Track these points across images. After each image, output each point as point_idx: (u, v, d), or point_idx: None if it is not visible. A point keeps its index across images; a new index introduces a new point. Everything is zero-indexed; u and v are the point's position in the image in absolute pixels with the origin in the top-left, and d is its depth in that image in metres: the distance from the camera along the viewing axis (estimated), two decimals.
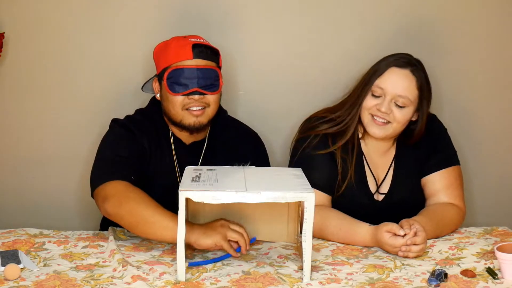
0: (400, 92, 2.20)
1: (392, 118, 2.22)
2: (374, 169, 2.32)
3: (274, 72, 2.66)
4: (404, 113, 2.22)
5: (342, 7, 2.63)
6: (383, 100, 2.22)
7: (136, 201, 2.03)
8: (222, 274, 1.90)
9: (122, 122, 2.32)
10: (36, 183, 2.69)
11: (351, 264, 1.98)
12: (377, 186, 2.31)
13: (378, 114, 2.23)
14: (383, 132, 2.24)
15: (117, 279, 1.86)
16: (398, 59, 2.24)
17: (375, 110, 2.23)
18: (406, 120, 2.25)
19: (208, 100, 2.26)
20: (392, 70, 2.23)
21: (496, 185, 2.75)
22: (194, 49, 2.23)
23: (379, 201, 2.31)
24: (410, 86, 2.21)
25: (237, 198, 1.81)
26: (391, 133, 2.25)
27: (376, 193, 2.31)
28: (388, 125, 2.24)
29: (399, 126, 2.24)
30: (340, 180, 2.28)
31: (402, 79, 2.22)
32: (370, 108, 2.24)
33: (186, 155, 2.34)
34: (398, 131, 2.27)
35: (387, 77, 2.22)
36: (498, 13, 2.65)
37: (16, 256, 1.94)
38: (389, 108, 2.21)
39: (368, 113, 2.25)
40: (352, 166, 2.28)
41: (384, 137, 2.26)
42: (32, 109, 2.65)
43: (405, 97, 2.20)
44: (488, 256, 2.00)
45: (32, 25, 2.59)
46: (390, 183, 2.31)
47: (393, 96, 2.21)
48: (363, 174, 2.30)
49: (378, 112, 2.23)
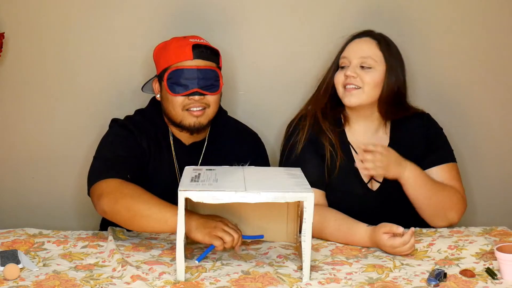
0: (362, 53, 2.27)
1: (361, 82, 2.26)
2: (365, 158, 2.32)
3: (274, 72, 2.66)
4: (372, 74, 2.26)
5: (343, 7, 2.63)
6: (349, 66, 2.28)
7: (131, 196, 2.03)
8: (221, 274, 1.90)
9: (122, 122, 2.33)
10: (35, 183, 2.69)
11: (351, 264, 1.98)
12: (368, 175, 2.31)
13: (347, 82, 2.27)
14: (355, 98, 2.27)
15: (116, 279, 1.86)
16: (358, 32, 2.34)
17: (344, 78, 2.27)
18: (376, 82, 2.26)
19: (208, 101, 2.26)
20: (353, 41, 2.33)
21: (495, 185, 2.75)
22: (194, 50, 2.23)
23: (374, 190, 2.31)
24: (371, 48, 2.28)
25: (237, 198, 1.81)
26: (365, 99, 2.27)
27: (371, 182, 2.31)
28: (359, 90, 2.26)
29: (370, 90, 2.26)
30: (330, 170, 2.28)
31: (362, 43, 2.30)
32: (340, 79, 2.29)
33: (186, 156, 2.34)
34: (371, 96, 2.27)
35: (348, 47, 2.32)
36: (496, 11, 2.66)
37: (15, 256, 1.94)
38: (355, 72, 2.26)
39: (341, 86, 2.29)
40: (339, 155, 2.29)
41: (359, 103, 2.27)
42: (32, 109, 2.65)
43: (367, 57, 2.26)
44: (488, 257, 2.00)
45: (32, 25, 2.59)
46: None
47: (357, 60, 2.27)
48: (353, 163, 2.31)
49: (347, 80, 2.27)
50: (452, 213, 2.27)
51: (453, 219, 2.27)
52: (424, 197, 2.24)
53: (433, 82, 2.66)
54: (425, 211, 2.26)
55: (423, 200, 2.24)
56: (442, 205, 2.25)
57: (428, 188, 2.24)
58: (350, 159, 2.31)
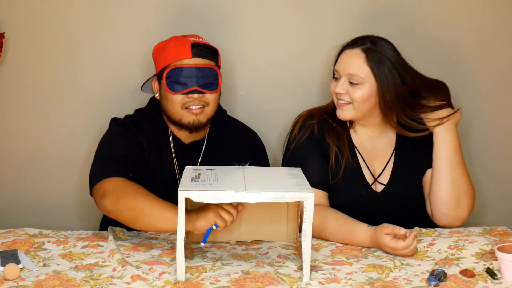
0: (350, 70, 2.23)
1: (349, 98, 2.24)
2: (369, 160, 2.32)
3: (274, 72, 2.66)
4: (361, 91, 2.22)
5: (343, 7, 2.63)
6: (340, 80, 2.26)
7: (133, 195, 2.04)
8: (221, 274, 1.90)
9: (122, 121, 2.33)
10: (35, 183, 2.69)
11: (351, 264, 1.98)
12: (373, 176, 2.31)
13: (338, 97, 2.27)
14: (346, 113, 2.26)
15: (116, 279, 1.86)
16: (350, 41, 2.29)
17: (336, 93, 2.27)
18: (365, 97, 2.23)
19: (207, 99, 2.26)
20: (344, 52, 2.28)
21: (495, 185, 2.75)
22: (193, 48, 2.24)
23: (378, 192, 2.31)
24: (359, 64, 2.23)
25: (237, 198, 1.81)
26: (355, 114, 2.25)
27: (375, 184, 2.31)
28: (349, 106, 2.25)
29: (360, 105, 2.23)
30: (333, 169, 2.28)
31: (351, 58, 2.25)
32: (333, 91, 2.29)
33: (185, 155, 2.34)
34: (363, 110, 2.25)
35: (340, 59, 2.29)
36: (497, 12, 2.66)
37: (15, 256, 1.94)
38: (343, 88, 2.24)
39: (335, 96, 2.29)
40: (344, 156, 2.28)
41: (349, 118, 2.27)
42: (32, 109, 2.65)
43: (355, 74, 2.23)
44: (488, 257, 2.00)
45: (32, 25, 2.59)
46: (389, 175, 2.31)
47: (345, 76, 2.24)
48: (358, 164, 2.30)
49: (337, 95, 2.27)
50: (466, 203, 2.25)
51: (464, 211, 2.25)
52: (452, 168, 2.22)
53: None
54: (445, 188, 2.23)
55: (450, 172, 2.22)
56: (463, 187, 2.24)
57: (457, 158, 2.22)
58: (355, 160, 2.31)
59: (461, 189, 2.24)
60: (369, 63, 2.22)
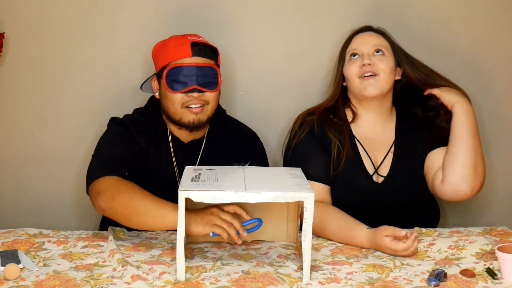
0: (373, 43, 2.32)
1: (377, 69, 2.28)
2: (370, 151, 2.33)
3: (273, 71, 2.66)
4: (386, 61, 2.30)
5: (342, 8, 2.63)
6: (362, 56, 2.31)
7: (127, 193, 2.04)
8: (221, 274, 1.90)
9: (120, 120, 2.33)
10: (35, 182, 2.69)
11: (351, 264, 1.98)
12: (375, 167, 2.32)
13: (364, 70, 2.29)
14: (375, 88, 2.28)
15: (117, 279, 1.86)
16: (359, 28, 2.39)
17: (360, 68, 2.29)
18: (390, 69, 2.30)
19: (207, 98, 2.26)
20: (357, 36, 2.37)
21: (495, 185, 2.75)
22: (193, 47, 2.24)
23: (379, 183, 2.31)
24: (378, 39, 2.35)
25: (237, 198, 1.81)
26: (382, 85, 2.29)
27: (375, 175, 2.32)
28: (377, 78, 2.29)
29: (386, 76, 2.29)
30: (335, 162, 2.29)
31: (369, 36, 2.36)
32: (355, 70, 2.31)
33: (185, 154, 2.34)
34: (387, 83, 2.30)
35: (355, 40, 2.36)
36: (497, 12, 2.66)
37: (15, 256, 1.94)
38: (370, 60, 2.29)
39: (357, 77, 2.30)
40: (345, 148, 2.29)
41: (379, 92, 2.29)
42: (32, 109, 2.65)
43: (379, 45, 2.32)
44: (488, 257, 2.00)
45: (32, 25, 2.60)
46: (390, 166, 2.32)
47: (370, 49, 2.31)
48: (358, 156, 2.32)
49: (363, 68, 2.29)
50: (481, 172, 2.27)
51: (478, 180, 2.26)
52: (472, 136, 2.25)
53: None
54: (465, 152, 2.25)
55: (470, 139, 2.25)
56: (479, 156, 2.26)
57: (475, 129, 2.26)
58: (356, 152, 2.32)
59: (478, 157, 2.26)
60: (387, 38, 2.35)
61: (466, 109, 2.27)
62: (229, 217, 1.96)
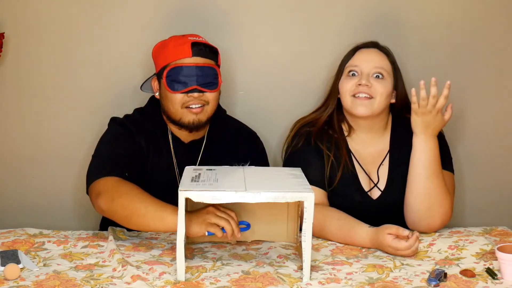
0: (376, 64, 2.27)
1: (374, 91, 2.24)
2: (365, 166, 2.32)
3: (273, 71, 2.66)
4: (384, 84, 2.25)
5: (342, 8, 2.63)
6: (361, 75, 2.26)
7: (127, 194, 2.04)
8: (221, 274, 1.90)
9: (120, 120, 2.33)
10: (35, 182, 2.69)
11: (351, 264, 1.98)
12: (370, 182, 2.31)
13: (359, 90, 2.25)
14: (368, 108, 2.24)
15: (116, 279, 1.86)
16: (364, 43, 2.33)
17: (355, 87, 2.25)
18: (388, 93, 2.26)
19: (207, 98, 2.26)
20: (361, 51, 2.32)
21: (495, 185, 2.75)
22: (193, 47, 2.24)
23: (374, 199, 2.30)
24: (382, 59, 2.29)
25: (237, 198, 1.81)
26: (375, 109, 2.25)
27: (371, 191, 2.31)
28: (372, 100, 2.24)
29: (382, 100, 2.25)
30: (329, 177, 2.28)
31: (373, 54, 2.30)
32: (350, 88, 2.27)
33: (185, 154, 2.34)
34: (381, 107, 2.26)
35: (358, 56, 2.31)
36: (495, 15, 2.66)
37: (15, 256, 1.94)
38: (368, 81, 2.24)
39: (350, 95, 2.27)
40: (342, 163, 2.28)
41: (370, 113, 2.25)
42: (32, 109, 2.65)
43: (381, 67, 2.27)
44: (488, 257, 2.00)
45: (32, 25, 2.59)
46: (385, 182, 2.31)
47: (370, 70, 2.26)
48: (354, 171, 2.30)
49: (359, 88, 2.25)
50: (439, 214, 2.18)
51: (436, 222, 2.18)
52: (426, 177, 2.17)
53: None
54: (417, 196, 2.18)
55: (423, 180, 2.17)
56: (436, 198, 2.17)
57: (433, 168, 2.17)
58: (352, 167, 2.30)
59: (433, 199, 2.18)
60: (390, 60, 2.30)
61: (424, 144, 2.18)
62: (226, 214, 1.97)
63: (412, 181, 2.20)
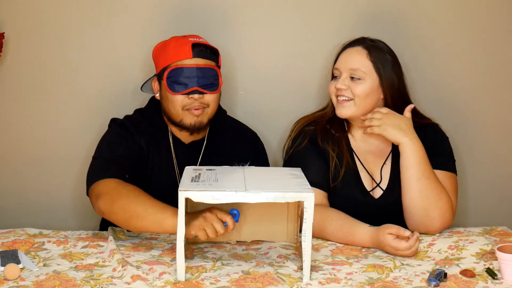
0: (352, 65, 2.26)
1: (351, 93, 2.25)
2: (367, 165, 2.32)
3: (273, 72, 2.66)
4: (362, 86, 2.25)
5: (342, 8, 2.63)
6: (340, 77, 2.28)
7: (127, 196, 2.04)
8: (221, 274, 1.90)
9: (121, 121, 2.33)
10: (35, 183, 2.69)
11: (351, 264, 1.98)
12: (373, 181, 2.31)
13: (338, 93, 2.28)
14: (347, 110, 2.26)
15: (116, 279, 1.86)
16: (351, 41, 2.33)
17: (336, 90, 2.28)
18: (367, 93, 2.25)
19: (207, 100, 2.26)
20: (344, 52, 2.32)
21: (495, 185, 2.75)
22: (194, 48, 2.24)
23: (376, 198, 2.30)
24: (361, 59, 2.27)
25: (237, 198, 1.81)
26: (356, 110, 2.26)
27: (373, 191, 2.31)
28: (350, 102, 2.26)
29: (361, 101, 2.25)
30: (332, 176, 2.28)
31: (353, 54, 2.28)
32: (332, 90, 2.30)
33: (185, 155, 2.34)
34: (364, 106, 2.26)
35: (340, 57, 2.32)
36: (495, 15, 2.66)
37: (15, 256, 1.94)
38: (344, 84, 2.26)
39: (334, 96, 2.30)
40: (344, 162, 2.28)
41: (350, 115, 2.27)
42: (32, 109, 2.65)
43: (357, 69, 2.25)
44: (488, 257, 2.00)
45: (32, 25, 2.59)
46: (387, 182, 2.31)
47: (347, 72, 2.27)
48: (356, 170, 2.30)
49: (338, 91, 2.27)
50: (436, 216, 2.16)
51: (434, 224, 2.17)
52: (416, 178, 2.16)
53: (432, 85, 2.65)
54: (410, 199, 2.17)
55: (414, 182, 2.16)
56: (430, 199, 2.16)
57: (423, 169, 2.17)
58: (354, 165, 2.31)
59: (427, 201, 2.16)
60: (371, 58, 2.26)
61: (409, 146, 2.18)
62: (220, 225, 1.93)
63: (404, 185, 2.20)
